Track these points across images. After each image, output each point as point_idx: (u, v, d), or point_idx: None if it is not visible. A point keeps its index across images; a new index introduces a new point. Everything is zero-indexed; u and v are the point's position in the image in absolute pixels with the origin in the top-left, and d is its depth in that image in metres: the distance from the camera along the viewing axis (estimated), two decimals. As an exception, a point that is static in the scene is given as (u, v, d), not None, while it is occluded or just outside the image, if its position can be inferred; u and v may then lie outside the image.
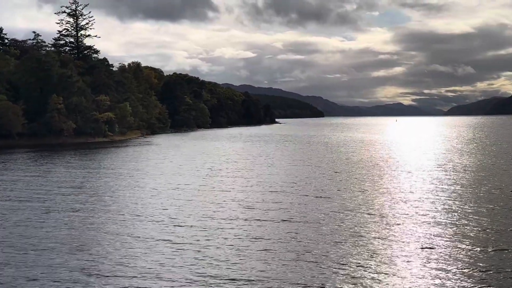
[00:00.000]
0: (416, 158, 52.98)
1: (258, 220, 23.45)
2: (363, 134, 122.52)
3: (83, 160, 55.25)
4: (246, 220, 23.47)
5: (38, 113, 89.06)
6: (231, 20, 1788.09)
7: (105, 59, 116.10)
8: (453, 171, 40.50)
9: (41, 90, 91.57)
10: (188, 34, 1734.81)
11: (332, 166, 46.11)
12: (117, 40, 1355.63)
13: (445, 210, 25.10)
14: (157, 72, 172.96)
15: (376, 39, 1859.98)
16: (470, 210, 25.04)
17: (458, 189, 31.53)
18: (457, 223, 22.38)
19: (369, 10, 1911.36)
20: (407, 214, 24.40)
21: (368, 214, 24.48)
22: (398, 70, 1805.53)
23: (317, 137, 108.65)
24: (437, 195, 29.38)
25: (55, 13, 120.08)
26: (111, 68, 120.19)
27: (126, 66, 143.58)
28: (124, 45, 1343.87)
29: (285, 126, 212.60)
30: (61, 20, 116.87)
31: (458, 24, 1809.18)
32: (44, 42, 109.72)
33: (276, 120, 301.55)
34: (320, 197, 29.47)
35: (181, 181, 37.41)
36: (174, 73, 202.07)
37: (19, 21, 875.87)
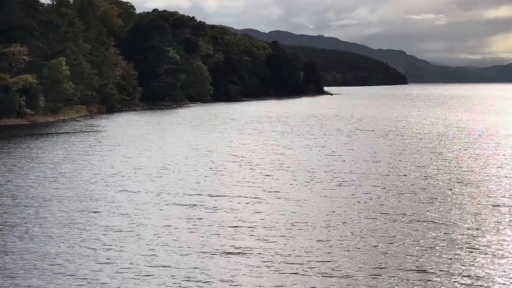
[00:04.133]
0: None
1: None
2: (472, 115, 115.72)
3: None
4: None
5: None
6: None
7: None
8: None
9: None
10: None
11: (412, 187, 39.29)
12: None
13: None
14: (123, 8, 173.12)
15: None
16: None
17: None
18: None
19: None
20: None
21: None
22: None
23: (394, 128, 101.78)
24: None
25: None
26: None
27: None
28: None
29: (339, 101, 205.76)
30: None
31: None
32: None
33: (326, 89, 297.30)
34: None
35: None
36: (154, 10, 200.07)
37: None
